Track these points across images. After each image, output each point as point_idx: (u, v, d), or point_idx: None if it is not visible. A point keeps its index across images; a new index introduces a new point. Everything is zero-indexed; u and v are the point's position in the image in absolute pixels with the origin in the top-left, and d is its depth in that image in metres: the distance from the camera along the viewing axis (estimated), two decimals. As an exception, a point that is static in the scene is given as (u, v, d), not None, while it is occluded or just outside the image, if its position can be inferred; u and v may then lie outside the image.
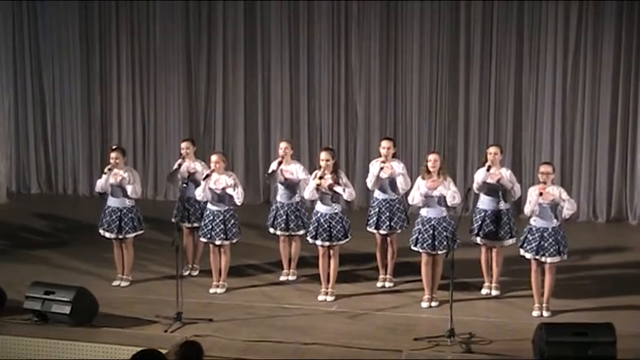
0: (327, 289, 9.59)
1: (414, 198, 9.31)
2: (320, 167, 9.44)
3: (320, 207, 9.49)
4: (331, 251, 9.51)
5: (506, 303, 9.52)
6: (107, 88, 15.05)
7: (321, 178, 9.30)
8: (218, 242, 9.71)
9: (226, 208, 9.70)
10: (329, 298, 9.54)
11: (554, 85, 13.41)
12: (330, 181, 9.31)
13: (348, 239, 9.57)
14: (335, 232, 9.41)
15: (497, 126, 13.75)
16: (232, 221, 9.72)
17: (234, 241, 9.82)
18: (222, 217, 9.66)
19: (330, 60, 14.12)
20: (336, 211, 9.44)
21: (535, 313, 9.04)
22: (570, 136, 13.50)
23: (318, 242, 9.50)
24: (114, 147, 10.32)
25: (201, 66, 14.63)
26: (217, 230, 9.66)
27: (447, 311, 8.49)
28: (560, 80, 13.36)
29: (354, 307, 9.42)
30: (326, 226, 9.40)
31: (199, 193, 9.71)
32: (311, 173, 9.83)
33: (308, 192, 9.42)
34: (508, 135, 13.69)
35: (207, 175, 9.69)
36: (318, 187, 9.32)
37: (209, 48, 14.56)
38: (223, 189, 9.66)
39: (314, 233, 9.50)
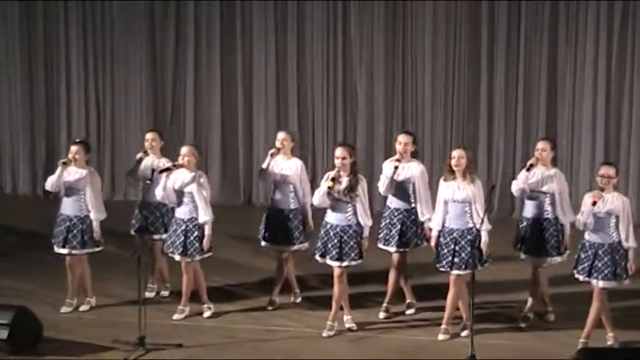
0: (335, 316, 9.40)
1: (439, 211, 9.14)
2: (335, 167, 9.20)
3: (330, 217, 9.36)
4: (336, 272, 9.28)
5: (541, 327, 9.52)
6: (53, 69, 15.03)
7: (333, 180, 9.14)
8: (177, 258, 9.63)
9: (190, 216, 9.57)
10: (328, 332, 9.34)
11: (596, 61, 13.42)
12: (346, 186, 9.18)
13: (361, 260, 9.34)
14: (347, 249, 9.24)
15: (527, 111, 13.76)
16: (196, 234, 9.56)
17: (196, 258, 9.62)
18: (184, 228, 9.55)
19: (325, 32, 14.12)
20: (350, 222, 9.31)
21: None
22: (616, 124, 13.52)
23: (328, 261, 9.33)
24: (77, 140, 10.25)
25: (168, 39, 14.61)
26: (177, 243, 9.55)
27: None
28: (604, 55, 13.37)
29: (353, 328, 9.44)
30: (336, 241, 9.23)
31: (159, 192, 9.59)
32: (307, 173, 9.76)
33: (317, 197, 9.24)
34: (540, 122, 13.72)
35: (168, 169, 9.56)
36: (329, 192, 9.21)
37: (177, 17, 14.55)
38: (183, 190, 9.52)
39: (322, 250, 9.36)
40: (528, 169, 9.36)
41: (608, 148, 13.54)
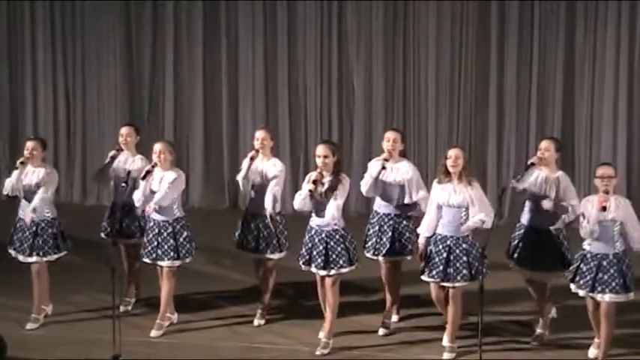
0: (330, 332, 9.37)
1: (430, 216, 9.13)
2: (316, 167, 9.26)
3: (315, 221, 9.34)
4: (327, 281, 9.32)
5: (554, 345, 9.50)
6: (18, 68, 15.06)
7: (315, 182, 9.11)
8: (167, 263, 9.70)
9: (176, 217, 9.68)
10: (322, 350, 9.31)
11: (617, 55, 13.47)
12: (327, 186, 9.16)
13: (352, 267, 9.36)
14: (334, 255, 9.25)
15: (541, 109, 13.80)
16: (185, 234, 9.69)
17: (187, 260, 9.77)
18: (171, 230, 9.64)
19: (319, 20, 14.16)
20: (336, 227, 9.30)
21: (592, 351, 9.04)
22: (639, 124, 13.54)
23: (312, 269, 9.34)
24: (31, 137, 10.27)
25: (144, 27, 14.65)
26: (165, 247, 9.64)
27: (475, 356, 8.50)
28: (626, 49, 13.42)
29: (345, 346, 9.39)
30: (321, 247, 9.22)
31: (138, 197, 9.61)
32: (294, 173, 9.74)
33: (298, 200, 9.24)
34: (556, 121, 13.75)
35: (148, 172, 9.59)
36: (311, 195, 9.20)
37: (154, 15, 14.59)
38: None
39: (307, 257, 9.36)
40: (527, 168, 9.31)
41: (631, 147, 13.61)
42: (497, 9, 13.71)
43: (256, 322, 10.03)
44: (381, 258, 9.75)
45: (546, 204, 9.19)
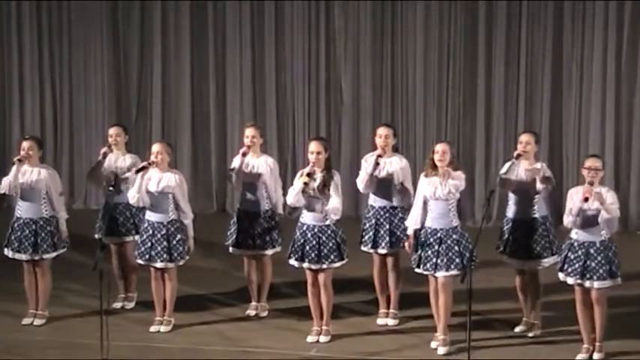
0: (321, 327, 9.53)
1: (417, 209, 9.23)
2: (309, 163, 9.35)
3: (306, 217, 9.44)
4: (320, 277, 9.42)
5: (544, 343, 9.50)
6: (4, 70, 15.05)
7: (309, 175, 9.24)
8: (160, 264, 9.68)
9: (170, 219, 9.68)
10: (323, 339, 9.50)
11: (604, 52, 13.48)
12: (319, 182, 9.25)
13: (343, 262, 9.48)
14: (326, 250, 9.35)
15: (530, 107, 13.81)
16: (179, 236, 9.68)
17: (180, 263, 9.78)
18: (165, 232, 9.63)
19: (306, 20, 14.15)
20: (327, 222, 9.40)
21: (581, 356, 9.05)
22: (627, 121, 13.58)
23: (305, 265, 9.44)
24: (27, 136, 10.31)
25: (132, 27, 14.63)
26: (159, 249, 9.63)
27: (464, 355, 8.47)
28: (614, 46, 13.43)
29: (341, 350, 9.38)
30: (314, 242, 9.35)
31: (133, 194, 9.61)
32: (281, 173, 9.77)
33: (292, 195, 9.35)
34: (544, 119, 13.77)
35: (144, 167, 9.60)
36: (304, 190, 9.28)
37: (142, 16, 14.59)
38: (163, 191, 9.62)
39: (299, 253, 9.44)
40: (517, 158, 9.41)
41: (619, 145, 13.64)
42: (485, 9, 13.72)
43: (263, 314, 10.22)
44: (380, 251, 9.86)
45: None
